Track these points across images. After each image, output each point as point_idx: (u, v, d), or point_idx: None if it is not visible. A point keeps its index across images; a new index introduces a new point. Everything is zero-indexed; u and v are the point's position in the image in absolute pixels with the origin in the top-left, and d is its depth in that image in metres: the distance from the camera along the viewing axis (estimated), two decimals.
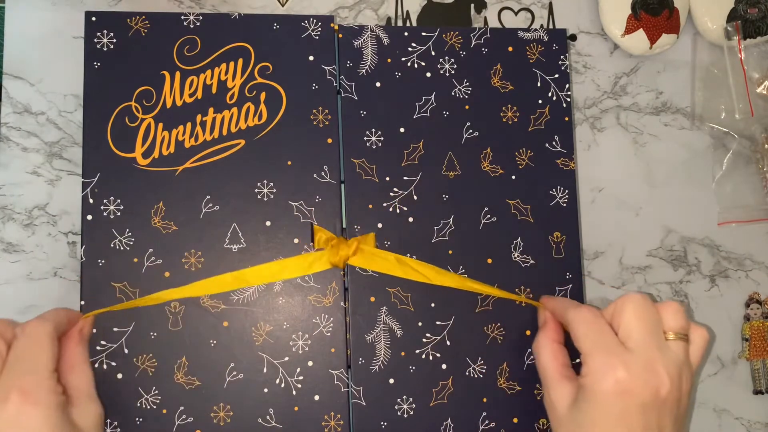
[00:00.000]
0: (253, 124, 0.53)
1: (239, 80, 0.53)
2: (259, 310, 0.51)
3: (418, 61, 0.55)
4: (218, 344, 0.50)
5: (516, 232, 0.55)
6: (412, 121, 0.55)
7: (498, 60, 0.57)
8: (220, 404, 0.49)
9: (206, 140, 0.52)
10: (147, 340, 0.49)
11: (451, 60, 0.56)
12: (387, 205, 0.53)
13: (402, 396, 0.51)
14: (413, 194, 0.54)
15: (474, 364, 0.52)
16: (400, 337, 0.52)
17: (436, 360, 0.52)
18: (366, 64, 0.54)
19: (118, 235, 0.50)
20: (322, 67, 0.54)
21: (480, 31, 0.57)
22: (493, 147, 0.55)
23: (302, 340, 0.51)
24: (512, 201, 0.55)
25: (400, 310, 0.52)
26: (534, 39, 0.57)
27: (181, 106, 0.52)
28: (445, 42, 0.56)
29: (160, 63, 0.52)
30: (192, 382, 0.50)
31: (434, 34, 0.56)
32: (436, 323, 0.52)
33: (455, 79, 0.56)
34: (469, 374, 0.52)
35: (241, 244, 0.51)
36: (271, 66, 0.53)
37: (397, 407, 0.51)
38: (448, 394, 0.52)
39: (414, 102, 0.55)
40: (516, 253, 0.54)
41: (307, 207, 0.52)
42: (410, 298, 0.52)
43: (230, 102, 0.53)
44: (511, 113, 0.56)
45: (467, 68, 0.56)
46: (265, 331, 0.51)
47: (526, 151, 0.55)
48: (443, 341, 0.52)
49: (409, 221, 0.53)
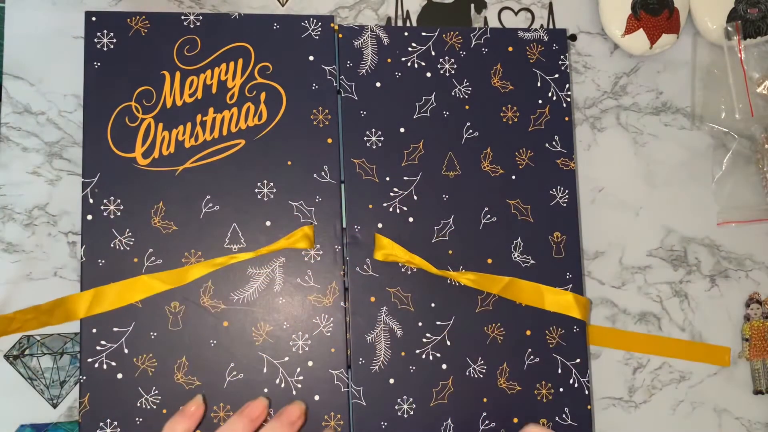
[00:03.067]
0: (253, 124, 0.53)
1: (239, 80, 0.53)
2: (259, 310, 0.51)
3: (418, 61, 0.55)
4: (218, 344, 0.50)
5: (516, 232, 0.55)
6: (413, 122, 0.54)
7: (498, 60, 0.57)
8: (220, 404, 0.49)
9: (206, 140, 0.52)
10: (147, 340, 0.49)
11: (451, 60, 0.56)
12: (387, 205, 0.53)
13: (402, 396, 0.51)
14: (413, 194, 0.54)
15: (474, 364, 0.52)
16: (400, 337, 0.52)
17: (437, 360, 0.52)
18: (366, 64, 0.54)
19: (118, 235, 0.50)
20: (322, 67, 0.54)
21: (480, 31, 0.57)
22: (493, 147, 0.55)
23: (302, 340, 0.51)
24: (512, 201, 0.55)
25: (400, 310, 0.52)
26: (534, 39, 0.57)
27: (181, 106, 0.52)
28: (445, 42, 0.56)
29: (160, 63, 0.52)
30: (192, 382, 0.49)
31: (434, 34, 0.56)
32: (436, 323, 0.52)
33: (455, 79, 0.56)
34: (469, 374, 0.52)
35: (241, 244, 0.51)
36: (271, 66, 0.53)
37: (398, 407, 0.51)
38: (448, 394, 0.52)
39: (414, 102, 0.55)
40: (516, 253, 0.54)
41: (307, 207, 0.52)
42: (410, 298, 0.52)
43: (230, 102, 0.53)
44: (511, 113, 0.56)
45: (467, 68, 0.56)
46: (265, 331, 0.51)
47: (527, 151, 0.55)
48: (443, 341, 0.52)
49: (409, 221, 0.53)
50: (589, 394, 0.54)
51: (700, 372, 0.63)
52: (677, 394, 0.63)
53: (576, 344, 0.54)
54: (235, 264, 0.51)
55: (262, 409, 0.45)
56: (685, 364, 0.63)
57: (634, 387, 0.62)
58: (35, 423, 0.53)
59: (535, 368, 0.53)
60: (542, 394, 0.53)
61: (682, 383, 0.63)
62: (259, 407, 0.45)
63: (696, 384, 0.63)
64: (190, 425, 0.44)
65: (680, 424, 0.62)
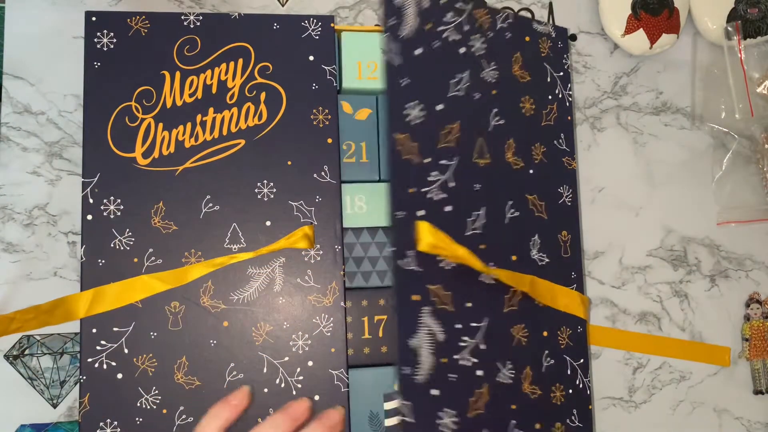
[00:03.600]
0: (253, 124, 0.53)
1: (239, 80, 0.53)
2: (259, 310, 0.51)
3: (453, 36, 0.51)
4: (218, 344, 0.50)
5: (534, 229, 0.53)
6: (448, 100, 0.50)
7: (518, 48, 0.55)
8: None
9: (206, 140, 0.52)
10: (147, 340, 0.49)
11: (482, 39, 0.53)
12: (425, 190, 0.48)
13: (444, 408, 0.46)
14: (450, 180, 0.49)
15: (504, 369, 0.50)
16: (441, 341, 0.46)
17: (473, 366, 0.48)
18: (407, 27, 0.49)
19: (118, 235, 0.50)
20: (322, 67, 0.54)
21: (504, 14, 0.55)
22: (515, 138, 0.53)
23: (302, 340, 0.51)
24: (530, 196, 0.53)
25: (439, 310, 0.47)
26: (544, 33, 0.56)
27: (181, 106, 0.52)
28: (475, 19, 0.52)
29: (160, 63, 0.52)
30: (192, 382, 0.49)
31: (468, 7, 0.52)
32: (471, 325, 0.48)
33: (485, 60, 0.52)
34: (499, 380, 0.49)
35: (242, 244, 0.51)
36: (271, 66, 0.53)
37: (439, 421, 0.46)
38: (484, 403, 0.48)
39: (448, 79, 0.51)
40: (534, 251, 0.53)
41: (307, 207, 0.52)
42: (451, 297, 0.48)
43: (230, 102, 0.53)
44: (529, 105, 0.54)
45: (494, 50, 0.53)
46: (265, 331, 0.51)
47: (540, 146, 0.54)
48: (478, 345, 0.48)
49: (445, 210, 0.48)
50: (591, 394, 0.54)
51: (700, 372, 0.63)
52: (677, 394, 0.63)
53: (580, 344, 0.54)
54: (235, 264, 0.51)
55: (304, 410, 0.43)
56: (685, 364, 0.63)
57: (634, 387, 0.62)
58: (35, 423, 0.53)
59: (551, 370, 0.52)
60: (557, 396, 0.52)
61: (682, 383, 0.63)
62: (302, 407, 0.43)
63: (696, 384, 0.63)
64: (232, 416, 0.42)
65: (680, 424, 0.62)
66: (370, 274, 0.53)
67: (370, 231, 0.53)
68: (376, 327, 0.53)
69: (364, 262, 0.53)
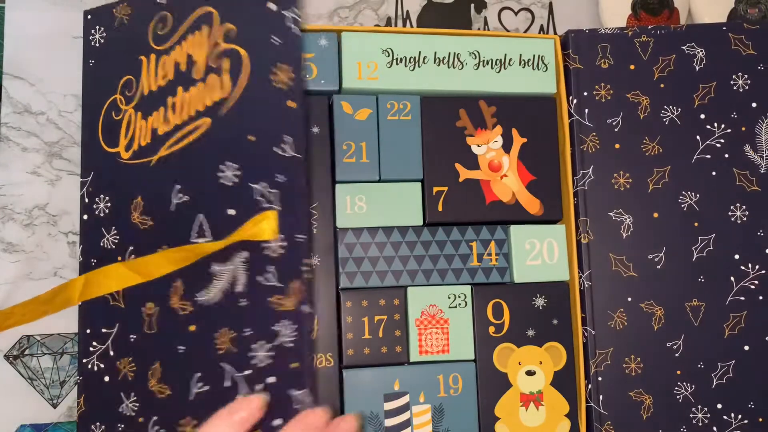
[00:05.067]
0: (218, 98, 0.45)
1: (205, 50, 0.46)
2: (222, 313, 0.43)
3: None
4: (186, 351, 0.43)
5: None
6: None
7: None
8: (187, 418, 0.43)
9: (177, 124, 0.46)
10: (127, 342, 0.45)
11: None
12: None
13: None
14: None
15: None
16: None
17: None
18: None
19: (106, 234, 0.47)
20: (281, 13, 0.44)
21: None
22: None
23: (263, 350, 0.41)
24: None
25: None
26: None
27: (156, 90, 0.47)
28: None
29: (137, 48, 0.48)
30: (163, 391, 0.44)
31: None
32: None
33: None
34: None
35: (208, 237, 0.44)
36: (235, 28, 0.45)
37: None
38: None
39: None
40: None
41: (271, 189, 0.42)
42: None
43: (196, 78, 0.46)
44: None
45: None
46: (228, 338, 0.42)
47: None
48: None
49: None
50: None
51: None
52: None
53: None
54: (200, 261, 0.43)
55: (322, 419, 0.37)
56: None
57: None
58: (35, 423, 0.53)
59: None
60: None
61: None
62: (320, 417, 0.37)
63: None
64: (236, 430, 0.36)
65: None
66: (370, 274, 0.52)
67: (370, 231, 0.53)
68: (377, 327, 0.52)
69: (364, 262, 0.52)
